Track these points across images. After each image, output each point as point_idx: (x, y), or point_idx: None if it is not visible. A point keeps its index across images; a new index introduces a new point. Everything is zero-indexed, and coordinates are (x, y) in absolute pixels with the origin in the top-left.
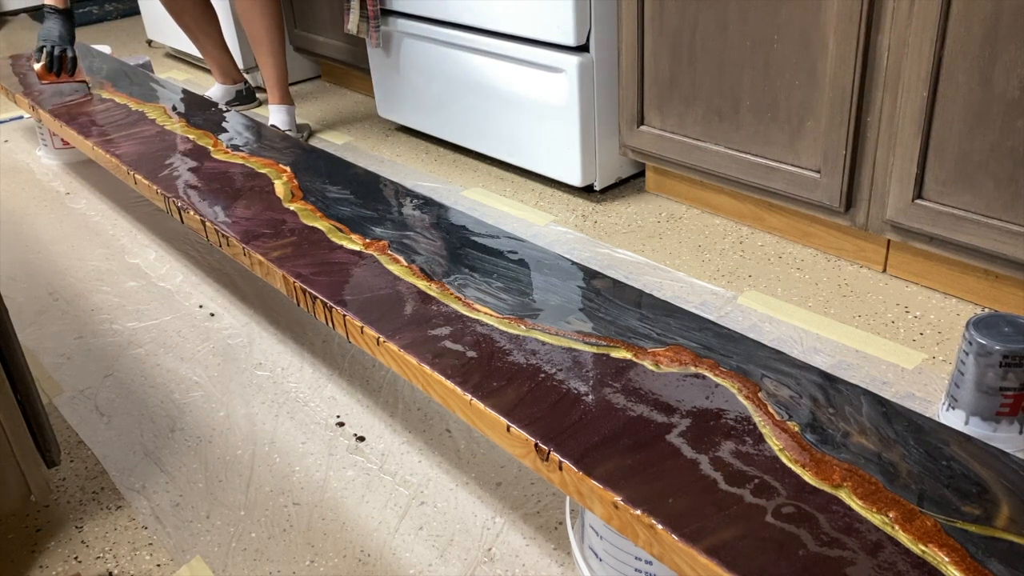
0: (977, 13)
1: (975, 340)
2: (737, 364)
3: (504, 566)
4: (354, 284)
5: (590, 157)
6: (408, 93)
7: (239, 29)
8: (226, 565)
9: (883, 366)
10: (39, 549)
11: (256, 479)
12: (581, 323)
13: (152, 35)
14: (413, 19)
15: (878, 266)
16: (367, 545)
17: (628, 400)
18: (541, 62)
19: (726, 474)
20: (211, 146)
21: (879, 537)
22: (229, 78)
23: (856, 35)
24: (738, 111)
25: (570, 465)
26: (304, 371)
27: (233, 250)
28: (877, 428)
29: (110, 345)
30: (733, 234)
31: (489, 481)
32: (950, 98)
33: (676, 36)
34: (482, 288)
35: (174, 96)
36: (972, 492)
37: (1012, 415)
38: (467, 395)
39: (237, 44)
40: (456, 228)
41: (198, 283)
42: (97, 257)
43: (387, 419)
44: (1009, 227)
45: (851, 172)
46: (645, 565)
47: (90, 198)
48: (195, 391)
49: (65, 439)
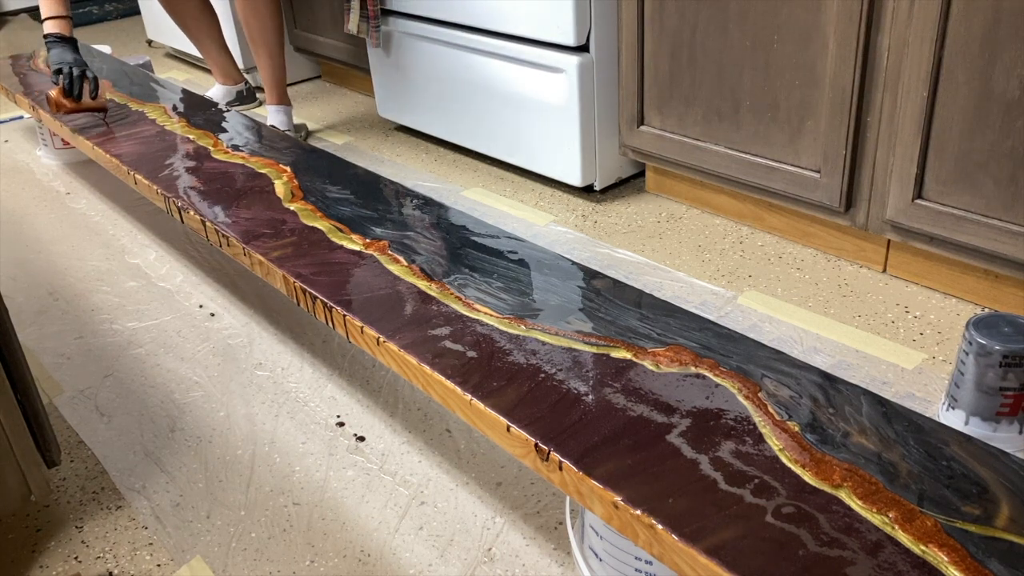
0: (977, 13)
1: (975, 340)
2: (737, 364)
3: (504, 566)
4: (354, 284)
5: (590, 157)
6: (408, 93)
7: (239, 29)
8: (226, 565)
9: (883, 366)
10: (39, 549)
11: (256, 479)
12: (581, 323)
13: (152, 35)
14: (413, 19)
15: (878, 266)
16: (367, 545)
17: (628, 400)
18: (541, 62)
19: (726, 474)
20: (211, 146)
21: (879, 537)
22: (230, 79)
23: (856, 35)
24: (738, 111)
25: (570, 465)
26: (304, 371)
27: (233, 250)
28: (877, 428)
29: (110, 345)
30: (733, 234)
31: (489, 481)
32: (950, 98)
33: (676, 36)
34: (482, 288)
35: (174, 96)
36: (972, 492)
37: (1012, 415)
38: (467, 395)
39: (237, 44)
40: (456, 228)
41: (198, 283)
42: (97, 257)
43: (387, 419)
44: (1009, 227)
45: (851, 172)
46: (645, 565)
47: (90, 198)
48: (195, 391)
49: (65, 439)
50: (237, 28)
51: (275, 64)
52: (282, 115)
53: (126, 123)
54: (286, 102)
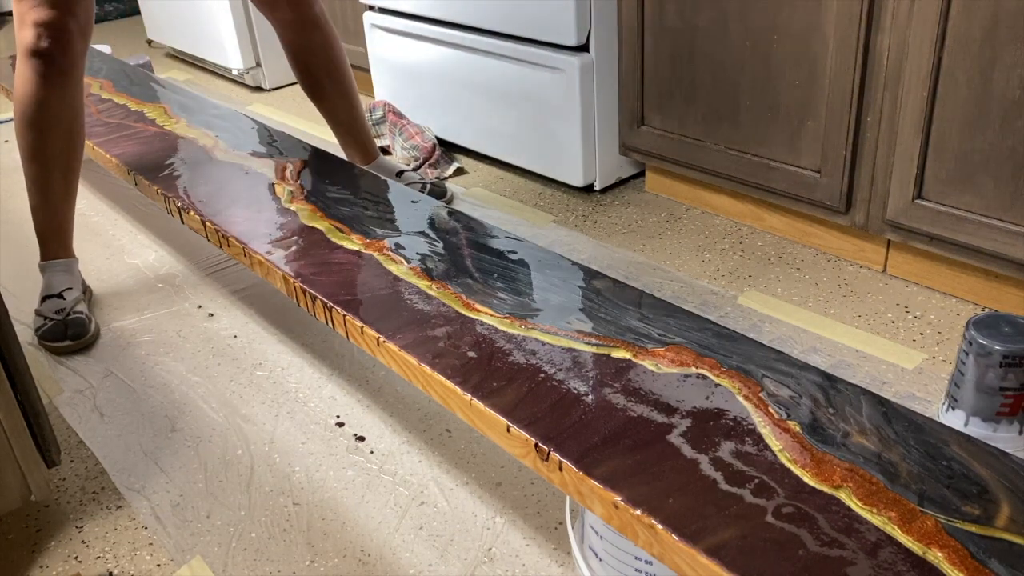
0: (977, 13)
1: (975, 340)
2: (737, 364)
3: (504, 566)
4: (354, 284)
5: (590, 157)
6: (409, 93)
7: (241, 22)
8: (226, 565)
9: (883, 366)
10: (39, 549)
11: (256, 479)
12: (581, 323)
13: (152, 35)
14: (414, 19)
15: (878, 266)
16: (367, 545)
17: (628, 400)
18: (541, 62)
19: (726, 474)
20: (211, 146)
21: (879, 537)
22: (372, 156)
23: (856, 35)
24: (738, 111)
25: (570, 465)
26: (304, 371)
27: (233, 250)
28: (877, 428)
29: (110, 345)
30: (733, 234)
31: (489, 481)
32: (950, 98)
33: (676, 36)
34: (482, 288)
35: (174, 96)
36: (972, 492)
37: (1012, 415)
38: (467, 395)
39: (236, 40)
40: (456, 228)
41: (198, 283)
42: (97, 257)
43: (387, 419)
44: (1009, 227)
45: (851, 172)
46: (645, 565)
47: (90, 198)
48: (195, 391)
49: (65, 439)
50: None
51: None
52: (391, 161)
53: (126, 123)
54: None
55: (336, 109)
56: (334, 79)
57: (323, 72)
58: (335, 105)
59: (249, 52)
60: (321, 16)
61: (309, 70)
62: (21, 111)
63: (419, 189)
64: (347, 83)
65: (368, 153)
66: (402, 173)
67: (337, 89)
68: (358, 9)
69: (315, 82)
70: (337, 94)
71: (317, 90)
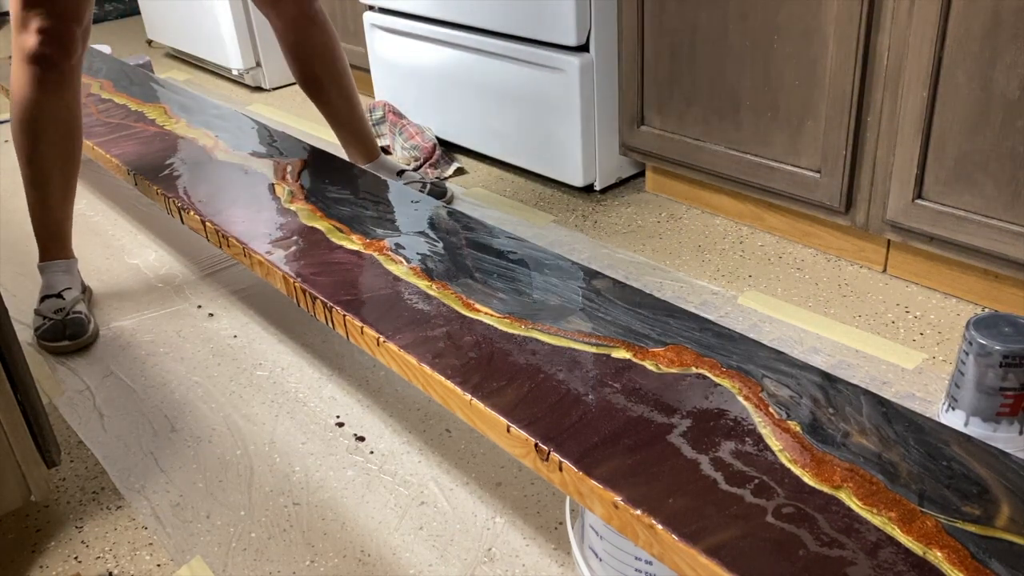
0: (977, 13)
1: (975, 340)
2: (737, 364)
3: (504, 566)
4: (354, 284)
5: (590, 157)
6: (409, 93)
7: (241, 22)
8: (226, 565)
9: (883, 366)
10: (39, 549)
11: (256, 479)
12: (581, 323)
13: (152, 35)
14: (413, 19)
15: (878, 266)
16: (367, 545)
17: (628, 400)
18: (541, 62)
19: (726, 474)
20: (211, 146)
21: (879, 537)
22: (373, 155)
23: (856, 35)
24: (738, 111)
25: (570, 465)
26: (304, 371)
27: (233, 250)
28: (877, 428)
29: (110, 345)
30: (733, 234)
31: (489, 481)
32: (950, 98)
33: (676, 36)
34: (482, 288)
35: (174, 96)
36: (972, 492)
37: (1012, 415)
38: (467, 395)
39: (236, 40)
40: (456, 228)
41: (198, 283)
42: (97, 257)
43: (387, 419)
44: (1009, 227)
45: (851, 172)
46: (645, 565)
47: (90, 198)
48: (195, 391)
49: (65, 439)
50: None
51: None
52: (391, 162)
53: (126, 123)
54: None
55: (336, 108)
56: (334, 78)
57: (323, 71)
58: (335, 104)
59: (249, 52)
60: (320, 14)
61: (309, 69)
62: (19, 115)
63: (419, 189)
64: (346, 82)
65: (370, 152)
66: (403, 173)
67: (337, 88)
68: (358, 9)
69: (315, 81)
70: (337, 93)
71: (317, 89)
